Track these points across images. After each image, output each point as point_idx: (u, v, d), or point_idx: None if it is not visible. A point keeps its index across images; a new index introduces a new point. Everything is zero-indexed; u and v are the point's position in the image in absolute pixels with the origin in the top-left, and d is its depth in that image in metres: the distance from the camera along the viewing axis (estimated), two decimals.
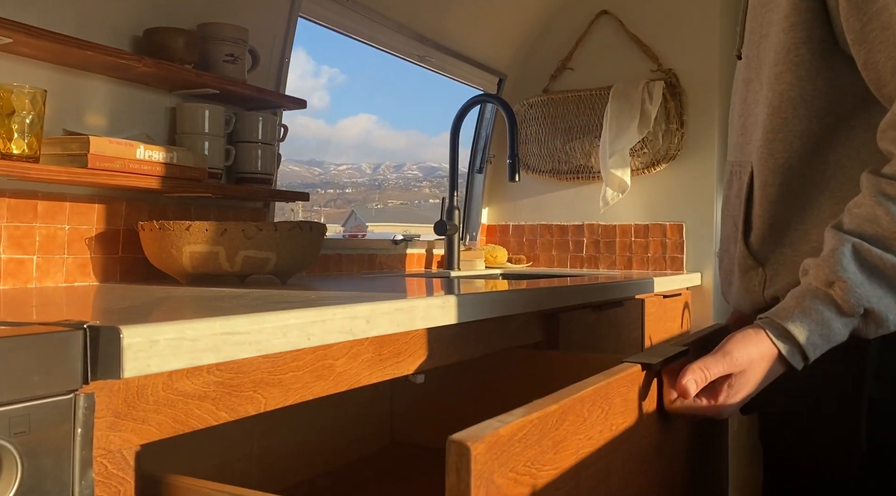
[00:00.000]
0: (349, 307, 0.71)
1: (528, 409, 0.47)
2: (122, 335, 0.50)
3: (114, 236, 1.27)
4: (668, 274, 2.19)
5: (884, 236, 0.70)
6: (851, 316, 0.70)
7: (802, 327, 0.71)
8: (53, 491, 0.49)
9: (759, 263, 0.87)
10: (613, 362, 1.12)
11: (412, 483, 1.11)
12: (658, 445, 0.70)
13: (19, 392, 0.47)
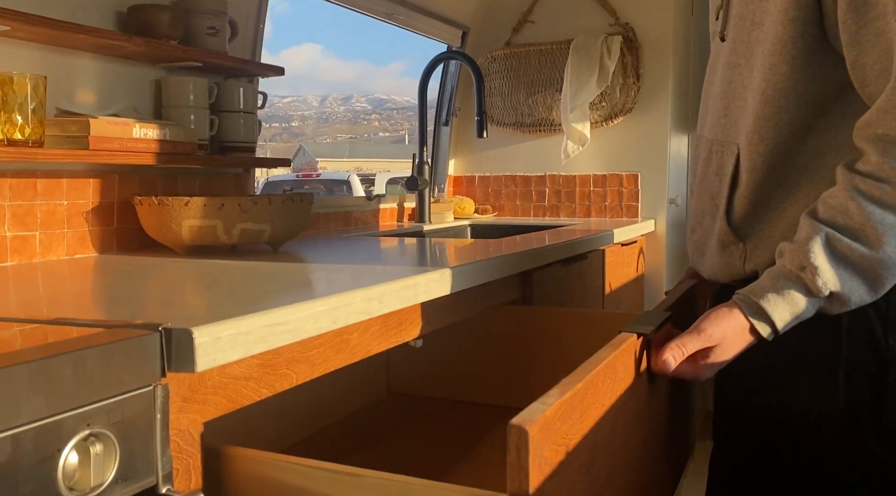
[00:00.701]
0: (365, 290, 0.80)
1: (562, 390, 0.57)
2: (194, 335, 0.58)
3: (109, 209, 1.32)
4: (625, 221, 2.32)
5: (854, 227, 0.76)
6: (819, 297, 0.78)
7: (775, 305, 0.78)
8: (143, 467, 0.59)
9: (739, 239, 0.92)
10: (580, 315, 1.24)
11: (412, 430, 1.23)
12: (648, 404, 0.82)
13: (116, 388, 0.55)
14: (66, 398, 0.52)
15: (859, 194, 0.76)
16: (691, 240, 1.05)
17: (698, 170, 1.02)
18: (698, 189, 1.01)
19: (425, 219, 2.26)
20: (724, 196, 0.92)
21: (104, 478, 0.55)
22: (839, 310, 0.79)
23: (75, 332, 0.60)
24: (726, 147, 0.93)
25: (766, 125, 0.86)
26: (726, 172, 0.92)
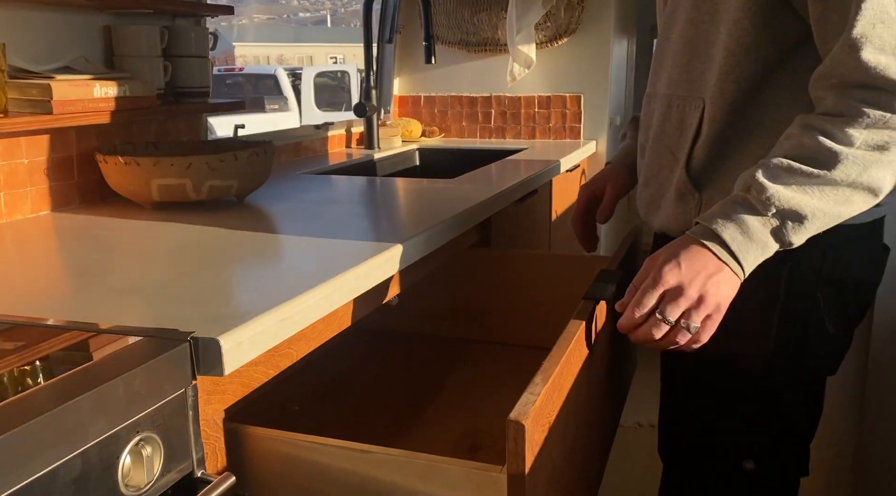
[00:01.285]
0: (355, 270, 0.87)
1: (545, 376, 0.66)
2: (221, 344, 0.65)
3: (68, 163, 1.32)
4: (568, 144, 2.40)
5: (806, 156, 0.77)
6: (764, 214, 0.76)
7: (724, 226, 0.78)
8: (181, 458, 0.66)
9: (696, 189, 0.94)
10: (533, 257, 1.34)
11: (385, 365, 1.33)
12: (600, 360, 0.94)
13: (158, 397, 0.62)
14: (120, 415, 0.58)
15: (812, 129, 0.78)
16: (644, 194, 1.06)
17: (653, 126, 1.02)
18: (654, 144, 1.01)
19: (374, 145, 2.29)
20: (686, 149, 0.93)
21: (153, 474, 0.63)
22: (796, 234, 0.77)
23: (109, 343, 0.65)
24: (689, 101, 0.94)
25: (728, 79, 0.89)
26: (689, 125, 0.93)
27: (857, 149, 0.76)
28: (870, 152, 0.76)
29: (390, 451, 0.69)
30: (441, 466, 0.66)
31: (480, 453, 1.00)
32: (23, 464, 0.50)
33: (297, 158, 2.04)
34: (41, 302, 0.78)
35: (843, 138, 0.76)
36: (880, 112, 0.75)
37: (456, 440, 1.04)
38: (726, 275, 0.78)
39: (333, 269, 0.86)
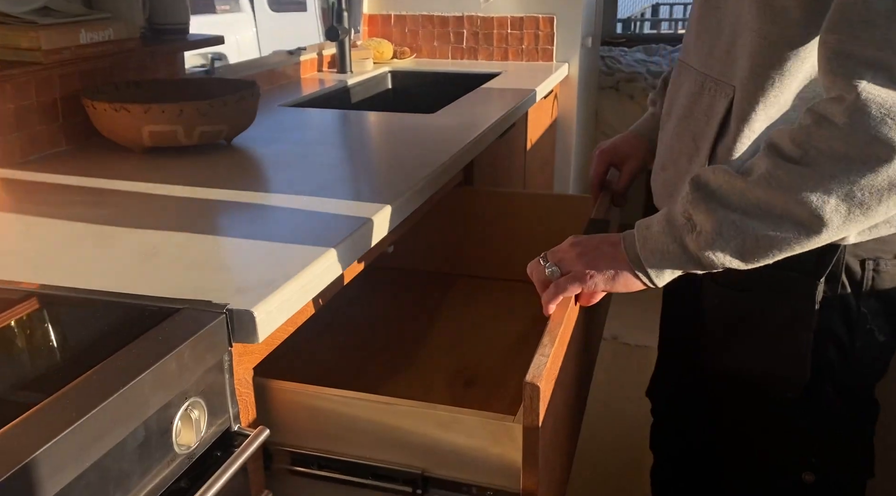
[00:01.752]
0: (358, 231, 0.92)
1: (551, 339, 0.74)
2: (255, 315, 0.71)
3: (53, 106, 1.31)
4: (541, 66, 2.42)
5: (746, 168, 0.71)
6: (679, 223, 0.74)
7: (648, 262, 0.76)
8: (220, 415, 0.73)
9: None
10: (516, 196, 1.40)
11: (383, 299, 1.41)
12: (587, 318, 1.02)
13: (202, 366, 0.68)
14: (174, 386, 0.64)
15: (768, 149, 0.71)
16: (660, 176, 0.98)
17: (680, 102, 0.93)
18: (679, 125, 0.93)
19: (347, 69, 2.28)
20: (709, 141, 0.86)
21: (200, 433, 0.70)
22: (699, 244, 0.72)
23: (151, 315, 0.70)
24: (720, 87, 0.85)
25: (762, 73, 0.80)
26: (715, 115, 0.85)
27: (794, 165, 0.69)
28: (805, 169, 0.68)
29: (413, 404, 0.77)
30: (460, 417, 0.74)
31: (475, 388, 1.10)
32: (100, 438, 0.57)
33: (271, 86, 2.03)
34: (67, 268, 0.82)
35: (786, 154, 0.69)
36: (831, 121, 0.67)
37: (451, 375, 1.13)
38: (612, 242, 0.80)
39: (339, 231, 0.92)
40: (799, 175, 0.67)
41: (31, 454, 0.50)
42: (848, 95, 0.65)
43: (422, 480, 0.77)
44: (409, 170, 1.20)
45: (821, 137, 0.66)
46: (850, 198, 0.65)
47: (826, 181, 0.65)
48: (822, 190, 0.66)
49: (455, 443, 0.74)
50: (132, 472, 0.62)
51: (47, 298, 0.75)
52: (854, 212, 0.66)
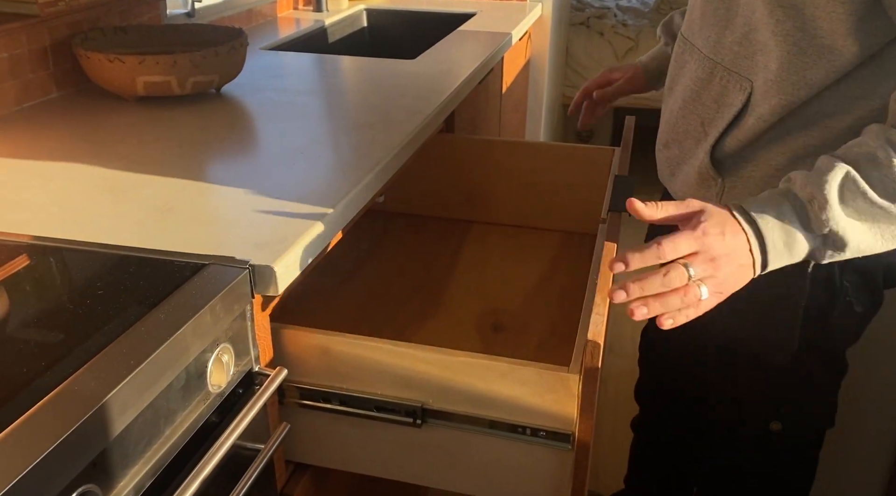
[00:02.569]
0: (356, 189, 1.00)
1: (603, 298, 0.78)
2: (275, 270, 0.79)
3: (43, 54, 1.33)
4: (515, 4, 2.45)
5: (876, 176, 0.70)
6: (817, 234, 0.71)
7: (767, 222, 0.71)
8: (244, 357, 0.82)
9: (719, 174, 0.88)
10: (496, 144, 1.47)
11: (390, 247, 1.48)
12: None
13: (230, 316, 0.76)
14: (209, 334, 0.73)
15: (890, 145, 0.70)
16: (663, 154, 1.00)
17: (686, 83, 0.94)
18: (685, 107, 0.93)
19: (322, 7, 2.28)
20: (719, 128, 0.87)
21: (229, 374, 0.79)
22: (829, 258, 0.73)
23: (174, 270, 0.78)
24: (734, 79, 0.85)
25: (788, 78, 0.80)
26: (730, 106, 0.85)
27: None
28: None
29: (473, 355, 0.84)
30: (517, 368, 0.81)
31: (503, 333, 1.16)
32: (155, 382, 0.65)
33: (250, 26, 2.04)
34: (92, 224, 0.88)
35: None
36: None
37: (478, 320, 1.19)
38: (747, 271, 0.73)
39: (339, 188, 0.99)
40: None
41: (104, 397, 0.59)
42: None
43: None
44: (396, 121, 1.26)
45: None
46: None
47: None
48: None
49: (510, 392, 0.82)
50: (177, 410, 0.71)
51: (80, 254, 0.82)
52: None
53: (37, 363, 0.62)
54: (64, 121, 1.25)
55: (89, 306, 0.71)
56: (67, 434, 0.55)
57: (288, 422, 0.92)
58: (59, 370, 0.61)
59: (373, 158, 1.10)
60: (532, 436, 0.85)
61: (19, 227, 0.88)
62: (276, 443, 0.84)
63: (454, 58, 1.74)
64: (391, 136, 1.19)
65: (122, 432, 0.62)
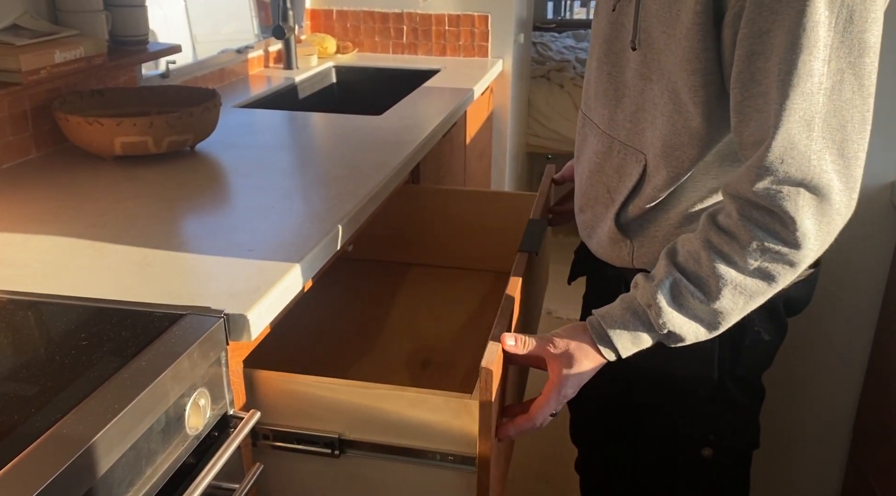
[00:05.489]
0: (325, 239, 1.06)
1: (500, 328, 0.90)
2: (248, 318, 0.85)
3: (23, 117, 1.39)
4: (477, 60, 2.57)
5: (700, 276, 0.83)
6: (659, 332, 0.86)
7: (620, 336, 0.87)
8: (220, 402, 0.87)
9: (627, 237, 0.99)
10: (458, 193, 1.55)
11: (340, 289, 1.55)
12: (529, 298, 1.19)
13: (206, 362, 0.82)
14: (187, 379, 0.78)
15: (710, 246, 0.82)
16: (580, 217, 1.10)
17: (589, 155, 1.03)
18: (592, 178, 1.03)
19: (292, 65, 2.38)
20: (623, 196, 0.97)
21: (206, 418, 0.84)
22: (675, 345, 0.88)
23: (153, 321, 0.83)
24: (630, 152, 0.96)
25: (672, 154, 0.90)
26: (630, 176, 0.96)
27: (746, 277, 0.81)
28: (758, 282, 0.82)
29: (383, 386, 0.92)
30: (425, 396, 0.89)
31: (430, 369, 1.26)
32: (137, 425, 0.70)
33: (222, 84, 2.12)
34: (73, 279, 0.94)
35: (737, 266, 0.81)
36: (775, 244, 0.80)
37: (408, 357, 1.29)
38: (599, 366, 0.90)
39: (308, 240, 1.06)
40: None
41: (91, 439, 0.64)
42: None
43: (389, 449, 0.93)
44: (363, 174, 1.34)
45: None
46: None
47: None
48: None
49: (422, 419, 0.90)
50: (157, 451, 0.76)
51: (64, 307, 0.87)
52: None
53: (27, 409, 0.67)
54: (43, 180, 1.30)
55: (74, 356, 0.77)
56: (59, 472, 0.60)
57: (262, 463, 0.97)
58: (49, 415, 0.66)
59: (342, 210, 1.17)
60: (442, 461, 0.92)
61: (3, 284, 0.93)
62: (250, 483, 0.88)
63: (419, 112, 1.83)
64: (359, 188, 1.27)
65: (108, 472, 0.67)
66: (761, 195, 0.79)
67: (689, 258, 0.84)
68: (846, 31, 0.75)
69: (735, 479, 1.11)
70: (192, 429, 0.82)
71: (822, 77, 0.76)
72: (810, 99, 0.76)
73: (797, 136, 0.77)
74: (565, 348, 0.89)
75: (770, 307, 0.97)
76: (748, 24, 0.78)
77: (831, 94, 0.77)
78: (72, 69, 1.32)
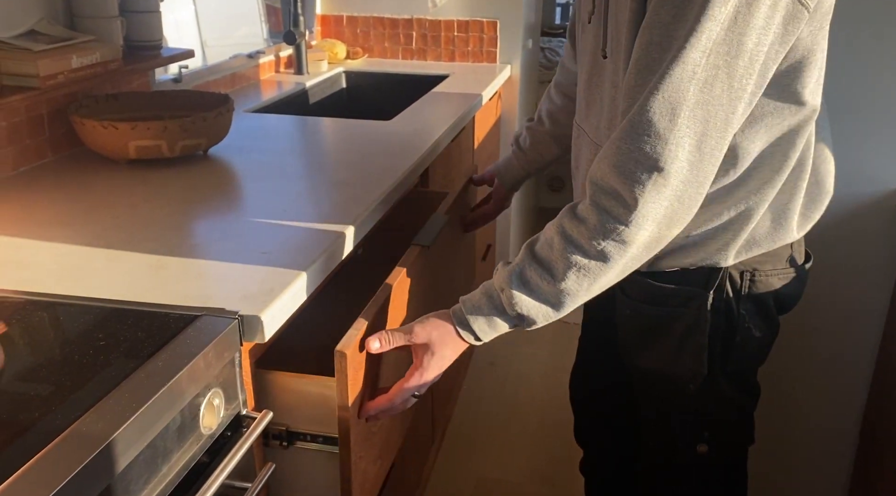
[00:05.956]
0: (335, 242, 1.08)
1: (366, 316, 0.93)
2: (262, 319, 0.86)
3: (39, 121, 1.42)
4: (485, 68, 2.59)
5: (550, 260, 0.87)
6: (510, 315, 0.90)
7: (476, 320, 0.91)
8: (233, 401, 0.88)
9: None
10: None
11: None
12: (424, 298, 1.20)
13: (221, 362, 0.83)
14: (202, 379, 0.80)
15: (563, 232, 0.87)
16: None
17: (585, 166, 1.05)
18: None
19: (303, 70, 2.40)
20: None
21: (219, 417, 0.85)
22: (529, 327, 0.91)
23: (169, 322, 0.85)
24: None
25: None
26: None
27: (590, 260, 0.84)
28: (598, 264, 0.84)
29: (281, 374, 0.97)
30: (294, 380, 0.96)
31: None
32: (154, 423, 0.72)
33: (234, 89, 2.14)
34: (90, 280, 0.95)
35: (582, 250, 0.85)
36: (614, 224, 0.83)
37: None
38: (460, 350, 0.95)
39: (320, 243, 1.07)
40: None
41: (111, 436, 0.65)
42: None
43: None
44: (373, 178, 1.35)
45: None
46: None
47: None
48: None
49: (303, 404, 0.97)
50: (172, 450, 0.77)
51: (81, 308, 0.88)
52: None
53: (48, 406, 0.69)
54: (59, 183, 1.32)
55: (92, 355, 0.78)
56: (79, 469, 0.61)
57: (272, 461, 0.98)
58: (68, 412, 0.68)
59: (352, 214, 1.18)
60: (313, 442, 0.99)
61: (21, 285, 0.94)
62: (262, 482, 0.90)
63: (428, 118, 1.85)
64: (369, 192, 1.28)
65: (126, 469, 0.68)
66: (613, 172, 0.81)
67: (545, 245, 0.88)
68: (729, 30, 0.77)
69: (732, 476, 1.13)
70: (206, 428, 0.83)
71: (696, 67, 0.78)
72: (679, 86, 0.78)
73: (660, 119, 0.79)
74: (427, 337, 0.93)
75: (760, 303, 1.01)
76: (650, 14, 0.81)
77: (703, 87, 0.78)
78: (88, 74, 1.34)
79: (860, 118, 1.38)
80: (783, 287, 1.01)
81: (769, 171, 0.93)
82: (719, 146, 0.82)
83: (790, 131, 0.91)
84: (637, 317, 1.05)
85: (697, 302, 0.98)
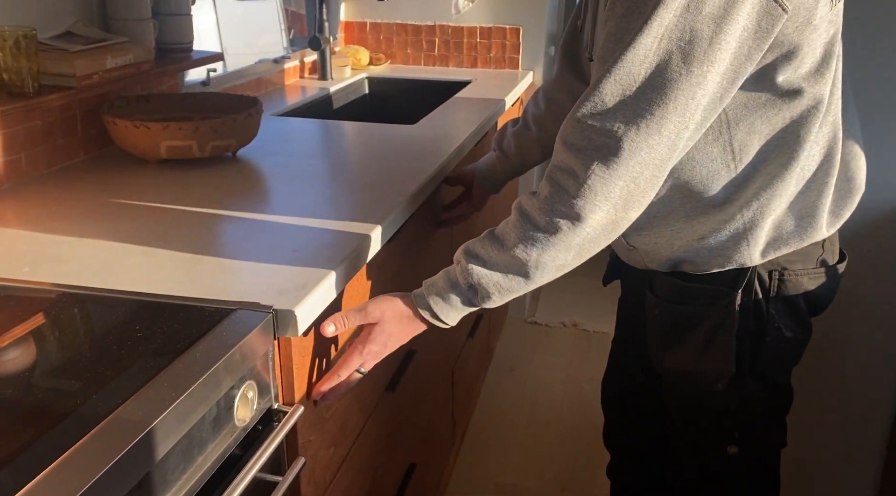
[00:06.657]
0: (360, 246, 1.09)
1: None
2: (296, 314, 0.87)
3: (72, 121, 1.44)
4: (508, 72, 2.60)
5: (504, 232, 0.91)
6: (463, 287, 0.93)
7: (431, 296, 0.95)
8: (266, 394, 0.89)
9: (635, 247, 1.06)
10: None
11: None
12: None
13: (255, 355, 0.84)
14: (237, 371, 0.81)
15: (519, 207, 0.90)
16: None
17: None
18: None
19: (327, 76, 2.42)
20: None
21: (253, 409, 0.86)
22: (482, 303, 0.93)
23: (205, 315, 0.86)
24: None
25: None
26: None
27: (538, 231, 0.87)
28: (546, 235, 0.87)
29: None
30: None
31: None
32: (191, 413, 0.73)
33: (259, 93, 2.17)
34: (128, 275, 0.97)
35: (533, 221, 0.88)
36: (563, 197, 0.85)
37: None
38: (417, 330, 0.98)
39: (348, 243, 1.08)
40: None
41: (151, 424, 0.66)
42: None
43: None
44: (397, 182, 1.36)
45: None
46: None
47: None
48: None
49: None
50: (208, 440, 0.78)
51: (118, 301, 0.90)
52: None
53: (88, 395, 0.70)
54: (91, 181, 1.35)
55: (130, 346, 0.80)
56: (120, 455, 0.62)
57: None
58: (109, 401, 0.69)
59: (377, 215, 1.19)
60: None
61: (60, 278, 0.96)
62: (293, 476, 0.90)
63: (451, 123, 1.86)
64: (393, 195, 1.29)
65: (164, 458, 0.69)
66: (567, 150, 0.84)
67: (503, 222, 0.92)
68: (682, 17, 0.79)
69: (763, 478, 1.11)
70: (240, 420, 0.84)
71: (648, 52, 0.80)
72: (631, 69, 0.80)
73: (611, 99, 0.81)
74: (380, 314, 0.97)
75: (791, 304, 1.01)
76: (608, 9, 0.84)
77: (656, 70, 0.80)
78: (121, 75, 1.37)
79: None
80: (814, 287, 1.01)
81: (776, 165, 0.93)
82: (679, 129, 0.82)
83: (792, 123, 0.91)
84: (665, 316, 1.05)
85: (725, 301, 0.99)
